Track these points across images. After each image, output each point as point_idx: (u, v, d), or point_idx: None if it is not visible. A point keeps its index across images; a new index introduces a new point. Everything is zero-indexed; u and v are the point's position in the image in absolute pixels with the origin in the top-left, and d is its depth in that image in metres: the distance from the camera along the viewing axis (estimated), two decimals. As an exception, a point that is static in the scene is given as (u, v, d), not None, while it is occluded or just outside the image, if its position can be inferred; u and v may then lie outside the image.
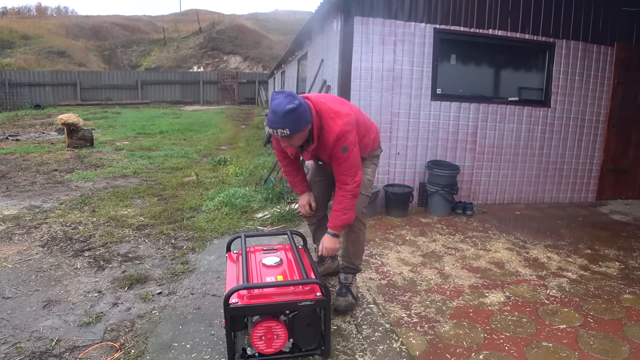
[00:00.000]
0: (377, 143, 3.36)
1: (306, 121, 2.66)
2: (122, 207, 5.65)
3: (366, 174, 3.18)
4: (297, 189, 3.37)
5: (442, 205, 5.61)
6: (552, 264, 4.21)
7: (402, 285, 3.62)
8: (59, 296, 3.33)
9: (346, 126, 2.79)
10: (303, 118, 2.62)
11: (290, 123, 2.57)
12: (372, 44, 5.52)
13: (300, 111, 2.59)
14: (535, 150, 6.36)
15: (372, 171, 3.33)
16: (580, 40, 6.26)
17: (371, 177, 3.31)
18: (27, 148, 10.07)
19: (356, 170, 2.87)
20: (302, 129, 2.64)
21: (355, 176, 2.87)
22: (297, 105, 2.57)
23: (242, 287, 2.24)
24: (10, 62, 28.71)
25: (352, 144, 2.81)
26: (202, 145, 11.05)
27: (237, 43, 35.54)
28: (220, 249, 4.23)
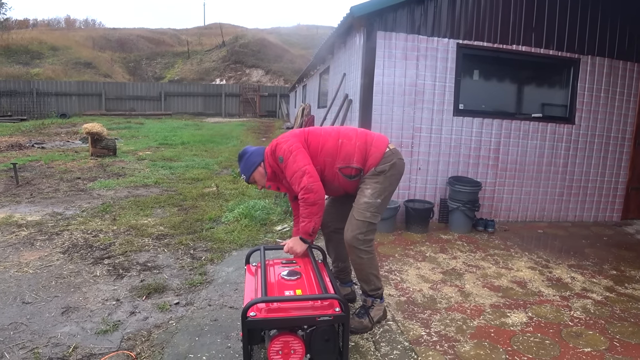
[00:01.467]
0: (377, 156, 3.01)
1: (252, 164, 3.05)
2: (143, 216, 5.70)
3: (364, 196, 2.98)
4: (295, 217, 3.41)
5: (463, 222, 5.53)
6: (576, 284, 4.10)
7: (422, 303, 3.56)
8: (78, 303, 3.36)
9: (278, 140, 3.00)
10: (249, 162, 3.06)
11: (244, 171, 3.09)
12: (395, 59, 5.52)
13: (246, 157, 3.08)
14: (559, 168, 6.25)
15: (372, 192, 2.98)
16: (606, 56, 6.17)
17: (371, 200, 2.96)
18: (52, 156, 10.27)
19: (300, 176, 2.84)
20: (251, 171, 3.05)
21: (299, 183, 2.84)
22: (241, 153, 3.12)
23: (260, 300, 2.21)
24: (39, 72, 29.51)
25: (287, 153, 2.90)
26: (223, 157, 11.13)
27: (259, 57, 35.97)
28: (238, 261, 4.23)
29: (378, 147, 3.04)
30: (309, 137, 3.01)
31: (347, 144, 3.01)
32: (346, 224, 3.03)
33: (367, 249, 3.01)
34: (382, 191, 3.01)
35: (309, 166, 2.86)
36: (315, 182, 2.83)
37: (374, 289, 3.12)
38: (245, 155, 3.08)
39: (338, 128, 3.15)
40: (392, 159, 3.04)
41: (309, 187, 2.81)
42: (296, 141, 2.94)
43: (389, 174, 3.03)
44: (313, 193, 2.81)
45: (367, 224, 2.97)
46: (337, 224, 3.28)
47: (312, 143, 2.99)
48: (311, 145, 2.98)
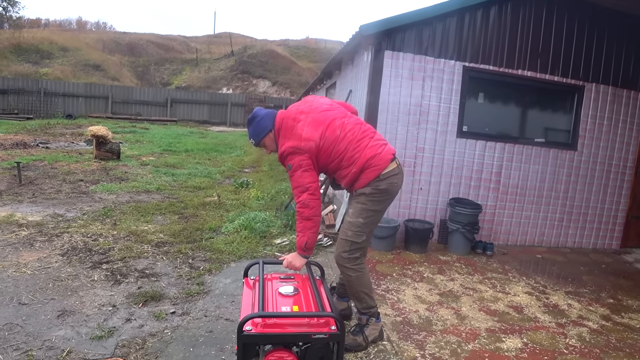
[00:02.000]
0: (365, 182, 2.99)
1: (262, 129, 3.06)
2: (143, 222, 5.72)
3: (347, 215, 3.06)
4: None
5: (462, 244, 5.53)
6: (573, 311, 4.09)
7: (418, 324, 3.56)
8: (74, 307, 3.37)
9: (290, 149, 2.92)
10: (260, 127, 3.06)
11: (252, 135, 3.10)
12: (401, 78, 5.57)
13: (257, 121, 3.07)
14: (560, 193, 6.27)
15: (353, 212, 3.02)
16: (610, 84, 6.23)
17: (353, 219, 3.01)
18: (55, 156, 10.31)
19: (301, 191, 2.88)
20: (261, 136, 3.07)
21: (299, 197, 2.89)
22: (252, 116, 3.09)
23: (257, 315, 2.22)
24: (48, 72, 29.69)
25: (297, 166, 2.90)
26: (226, 166, 11.16)
27: (267, 68, 36.17)
28: (236, 273, 4.23)
29: (369, 173, 2.98)
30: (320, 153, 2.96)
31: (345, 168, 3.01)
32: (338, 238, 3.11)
33: (353, 267, 3.04)
34: (363, 211, 3.01)
35: (313, 184, 2.90)
36: (314, 199, 2.87)
37: (365, 307, 3.13)
38: (256, 119, 3.07)
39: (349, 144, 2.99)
40: (378, 185, 2.99)
41: (306, 202, 2.85)
42: (308, 157, 2.91)
43: (371, 197, 3.00)
44: (309, 209, 2.85)
45: (350, 243, 3.01)
46: None
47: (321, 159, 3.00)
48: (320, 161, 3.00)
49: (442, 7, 5.48)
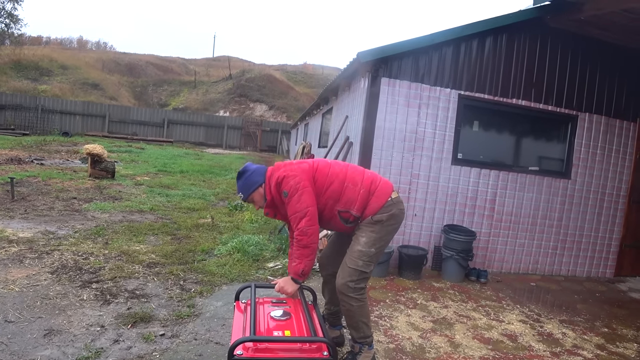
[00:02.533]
0: (376, 205, 2.99)
1: (252, 183, 2.99)
2: (135, 242, 5.66)
3: (358, 244, 2.98)
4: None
5: (456, 271, 5.51)
6: (567, 340, 4.06)
7: (411, 352, 3.51)
8: (61, 326, 3.31)
9: (286, 172, 2.93)
10: (250, 181, 2.99)
11: (242, 190, 3.01)
12: (397, 105, 5.63)
13: (246, 176, 3.00)
14: (554, 221, 6.28)
15: (367, 241, 2.96)
16: (603, 114, 6.33)
17: (364, 249, 2.95)
18: (50, 173, 10.26)
19: (300, 217, 2.85)
20: (250, 191, 2.99)
21: (298, 223, 2.85)
22: (242, 170, 3.02)
23: (248, 339, 2.19)
24: (46, 89, 29.85)
25: (294, 190, 2.87)
26: (221, 188, 11.13)
27: (264, 92, 36.50)
28: (228, 296, 4.18)
29: (379, 197, 3.00)
30: (316, 174, 2.99)
31: (352, 190, 2.99)
32: (339, 270, 3.02)
33: (357, 296, 2.96)
34: (377, 240, 2.98)
35: (311, 208, 2.87)
36: (312, 225, 2.84)
37: (362, 337, 3.06)
38: (246, 173, 3.01)
39: (346, 168, 3.09)
40: (391, 209, 3.01)
41: (304, 230, 2.83)
42: (304, 178, 2.91)
43: (386, 224, 3.00)
44: (307, 236, 2.83)
45: (358, 272, 2.95)
46: (335, 268, 3.14)
47: (318, 180, 2.98)
48: (317, 183, 2.98)
49: (438, 36, 5.58)
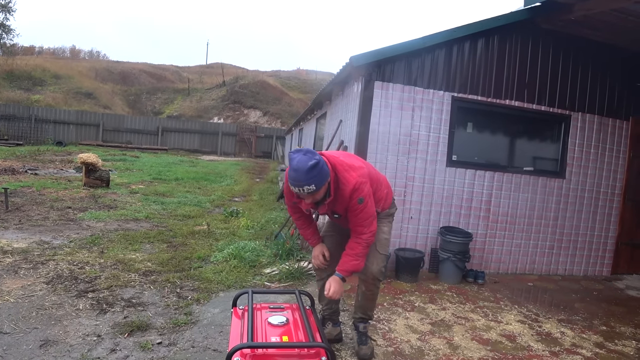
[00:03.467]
0: (390, 200, 3.38)
1: (327, 174, 2.80)
2: (131, 250, 5.64)
3: (383, 233, 3.28)
4: (310, 242, 3.40)
5: (453, 273, 5.51)
6: (566, 339, 4.06)
7: (409, 354, 3.50)
8: (57, 336, 3.28)
9: (361, 178, 2.92)
10: (325, 172, 2.77)
11: (315, 179, 2.69)
12: (391, 109, 5.64)
13: (321, 165, 2.73)
14: (550, 221, 6.30)
15: (388, 230, 3.37)
16: (596, 113, 6.36)
17: (388, 236, 3.35)
18: (44, 183, 10.21)
19: (372, 221, 2.99)
20: (324, 183, 2.78)
21: (370, 226, 2.99)
22: (317, 160, 2.71)
23: (245, 345, 2.17)
24: (39, 99, 29.75)
25: (368, 195, 2.94)
26: (216, 195, 11.10)
27: (258, 98, 36.53)
28: (225, 302, 4.16)
29: (391, 193, 3.44)
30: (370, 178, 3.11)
31: (381, 190, 3.26)
32: (369, 259, 3.17)
33: (381, 279, 3.33)
34: (391, 229, 3.46)
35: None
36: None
37: (373, 314, 3.54)
38: (319, 164, 2.71)
39: (375, 170, 3.45)
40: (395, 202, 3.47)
41: (374, 231, 3.03)
42: (369, 182, 3.03)
43: (394, 214, 3.49)
44: (373, 237, 3.06)
45: (385, 257, 3.35)
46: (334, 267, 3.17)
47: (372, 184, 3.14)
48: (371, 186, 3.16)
49: (430, 39, 5.60)
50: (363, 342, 3.35)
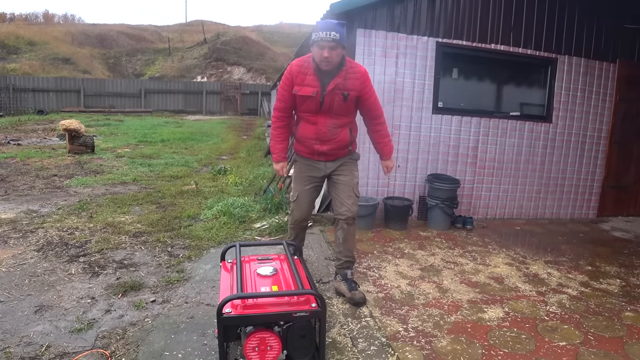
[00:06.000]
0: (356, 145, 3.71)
1: (345, 42, 3.24)
2: (120, 213, 5.62)
3: (355, 177, 3.59)
4: (278, 156, 3.63)
5: (442, 219, 5.57)
6: (552, 280, 4.16)
7: (400, 299, 3.57)
8: (52, 301, 3.29)
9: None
10: (345, 38, 3.23)
11: (340, 32, 3.16)
12: (375, 56, 5.53)
13: (344, 32, 3.23)
14: (537, 166, 6.33)
15: (358, 174, 3.67)
16: (583, 56, 6.27)
17: (357, 179, 3.65)
18: (28, 153, 10.06)
19: (380, 106, 3.59)
20: (343, 43, 3.21)
21: (381, 109, 3.60)
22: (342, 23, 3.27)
23: (235, 296, 2.19)
24: (15, 68, 28.85)
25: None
26: (203, 154, 11.03)
27: (241, 54, 35.74)
28: (216, 258, 4.16)
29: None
30: None
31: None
32: (345, 199, 3.49)
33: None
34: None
35: None
36: None
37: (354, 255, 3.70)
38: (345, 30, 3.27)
39: None
40: None
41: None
42: None
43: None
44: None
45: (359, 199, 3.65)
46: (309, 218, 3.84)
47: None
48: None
49: (413, -18, 5.43)
50: (354, 287, 3.45)
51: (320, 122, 3.39)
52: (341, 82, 3.26)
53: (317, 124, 3.40)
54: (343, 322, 3.14)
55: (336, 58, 3.20)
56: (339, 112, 3.38)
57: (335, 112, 3.37)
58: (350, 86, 3.29)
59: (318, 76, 3.27)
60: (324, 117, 3.38)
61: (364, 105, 3.45)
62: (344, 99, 3.30)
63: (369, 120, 3.57)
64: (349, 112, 3.44)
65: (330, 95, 3.28)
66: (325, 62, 3.19)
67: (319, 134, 3.41)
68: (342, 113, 3.40)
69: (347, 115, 3.43)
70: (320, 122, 3.39)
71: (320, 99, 3.30)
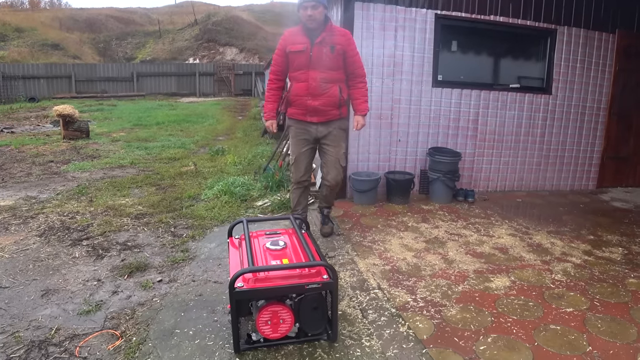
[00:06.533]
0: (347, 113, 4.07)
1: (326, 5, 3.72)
2: (120, 196, 5.58)
3: (342, 148, 4.03)
4: (268, 115, 4.02)
5: (444, 192, 5.56)
6: (556, 249, 4.18)
7: (407, 271, 3.58)
8: (58, 285, 3.28)
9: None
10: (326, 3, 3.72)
11: None
12: (373, 30, 5.44)
13: None
14: (537, 138, 6.31)
15: (346, 145, 4.15)
16: (582, 27, 6.18)
17: (346, 151, 4.15)
18: (22, 140, 9.95)
19: (364, 68, 3.96)
20: (325, 3, 3.65)
21: (364, 71, 3.96)
22: None
23: (247, 270, 2.18)
24: (4, 55, 28.39)
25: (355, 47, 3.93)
26: (199, 136, 10.96)
27: (232, 35, 35.26)
28: (220, 237, 4.19)
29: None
30: None
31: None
32: (331, 169, 4.01)
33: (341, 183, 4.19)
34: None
35: None
36: None
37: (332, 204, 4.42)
38: None
39: None
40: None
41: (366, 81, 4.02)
42: None
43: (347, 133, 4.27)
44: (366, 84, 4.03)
45: (344, 169, 4.20)
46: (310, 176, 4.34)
47: None
48: None
49: (410, -48, 5.33)
50: (325, 222, 4.28)
51: (310, 77, 3.76)
52: (327, 36, 3.71)
53: (307, 81, 3.78)
54: (352, 294, 3.15)
55: (319, 16, 3.64)
56: (327, 65, 3.75)
57: (325, 65, 3.74)
58: (337, 40, 3.73)
59: (307, 34, 3.74)
60: (314, 72, 3.75)
61: (348, 62, 3.84)
62: (331, 51, 3.71)
63: (352, 78, 3.93)
64: (338, 66, 3.79)
65: (318, 47, 3.70)
66: (309, 20, 3.64)
67: (309, 89, 3.78)
68: (330, 66, 3.76)
69: (335, 70, 3.79)
70: (310, 77, 3.76)
71: (309, 52, 3.72)
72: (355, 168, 5.61)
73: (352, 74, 3.91)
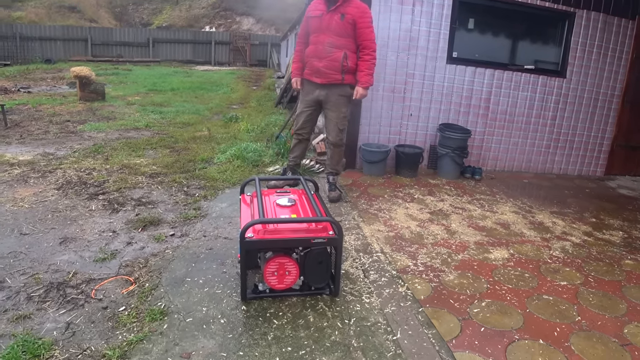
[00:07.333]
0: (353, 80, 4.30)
1: None
2: (135, 156, 5.72)
3: (342, 112, 4.33)
4: (295, 74, 4.52)
5: (452, 168, 5.64)
6: (557, 228, 4.27)
7: (409, 238, 3.71)
8: (75, 234, 3.43)
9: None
10: None
11: None
12: (391, 3, 5.45)
13: None
14: (548, 120, 6.32)
15: (346, 110, 4.38)
16: (602, 11, 6.11)
17: (346, 115, 4.39)
18: (39, 100, 10.10)
19: (374, 42, 4.18)
20: None
21: (373, 45, 4.17)
22: None
23: (258, 221, 2.31)
24: (21, 16, 28.43)
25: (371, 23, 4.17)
26: (214, 103, 11.05)
27: (250, 4, 34.93)
28: (232, 198, 4.32)
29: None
30: None
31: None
32: (331, 131, 4.38)
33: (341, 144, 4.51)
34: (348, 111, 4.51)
35: None
36: None
37: (340, 168, 4.68)
38: None
39: None
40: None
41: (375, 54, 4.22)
42: None
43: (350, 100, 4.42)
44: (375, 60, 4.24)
45: (343, 131, 4.44)
46: (311, 131, 4.64)
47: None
48: None
49: None
50: (332, 189, 4.47)
51: (320, 40, 4.17)
52: (341, 6, 4.06)
53: (317, 44, 4.20)
54: (355, 256, 3.28)
55: None
56: (335, 31, 4.09)
57: (333, 31, 4.10)
58: (349, 11, 4.05)
59: (326, 4, 4.13)
60: (324, 35, 4.14)
61: (358, 34, 4.12)
62: (341, 18, 4.05)
63: (361, 49, 4.20)
64: (347, 34, 4.09)
65: (331, 14, 4.09)
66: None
67: (317, 51, 4.19)
68: (338, 32, 4.09)
69: (343, 36, 4.10)
70: (320, 40, 4.17)
71: (323, 18, 4.12)
72: (366, 139, 5.69)
73: (361, 45, 4.18)
